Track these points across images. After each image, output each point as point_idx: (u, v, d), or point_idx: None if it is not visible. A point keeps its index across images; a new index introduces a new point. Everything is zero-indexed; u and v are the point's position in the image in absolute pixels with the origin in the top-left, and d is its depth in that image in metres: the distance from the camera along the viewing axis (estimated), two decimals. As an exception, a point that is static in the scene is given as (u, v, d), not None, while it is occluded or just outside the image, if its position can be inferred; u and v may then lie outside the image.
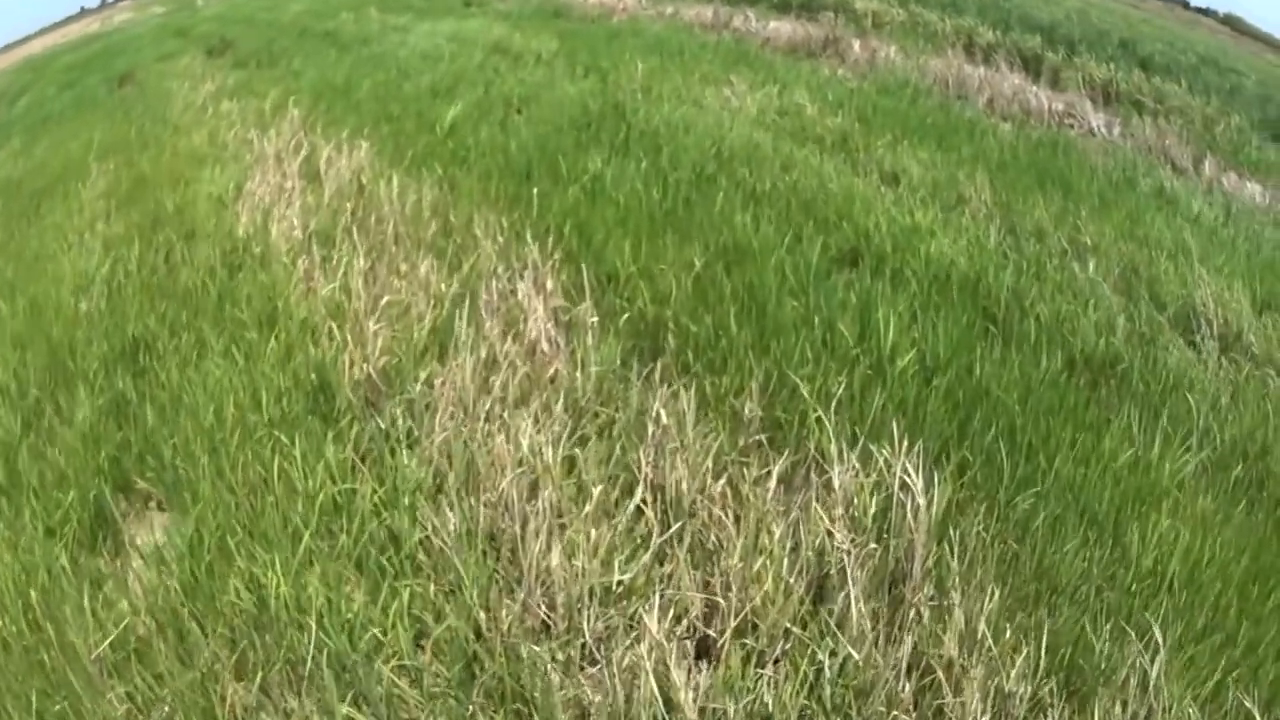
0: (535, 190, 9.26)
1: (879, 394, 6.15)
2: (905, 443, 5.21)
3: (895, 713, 4.16)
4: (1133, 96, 17.76)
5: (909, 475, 5.02)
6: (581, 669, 4.41)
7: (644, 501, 5.19)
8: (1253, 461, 6.55)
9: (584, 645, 4.46)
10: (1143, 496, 5.80)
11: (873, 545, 4.84)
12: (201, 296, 8.06)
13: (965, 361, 6.83)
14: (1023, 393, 6.56)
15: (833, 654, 4.28)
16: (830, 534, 4.86)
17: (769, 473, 5.35)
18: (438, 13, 26.36)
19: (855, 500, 5.07)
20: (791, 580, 4.64)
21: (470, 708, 4.21)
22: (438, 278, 7.78)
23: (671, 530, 4.96)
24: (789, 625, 4.49)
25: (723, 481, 5.29)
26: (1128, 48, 22.02)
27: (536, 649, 4.32)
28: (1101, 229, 10.13)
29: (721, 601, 4.56)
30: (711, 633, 4.51)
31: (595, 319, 7.00)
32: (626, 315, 7.14)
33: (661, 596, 4.57)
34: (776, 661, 4.40)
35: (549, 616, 4.56)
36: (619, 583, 4.65)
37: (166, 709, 4.26)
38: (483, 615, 4.52)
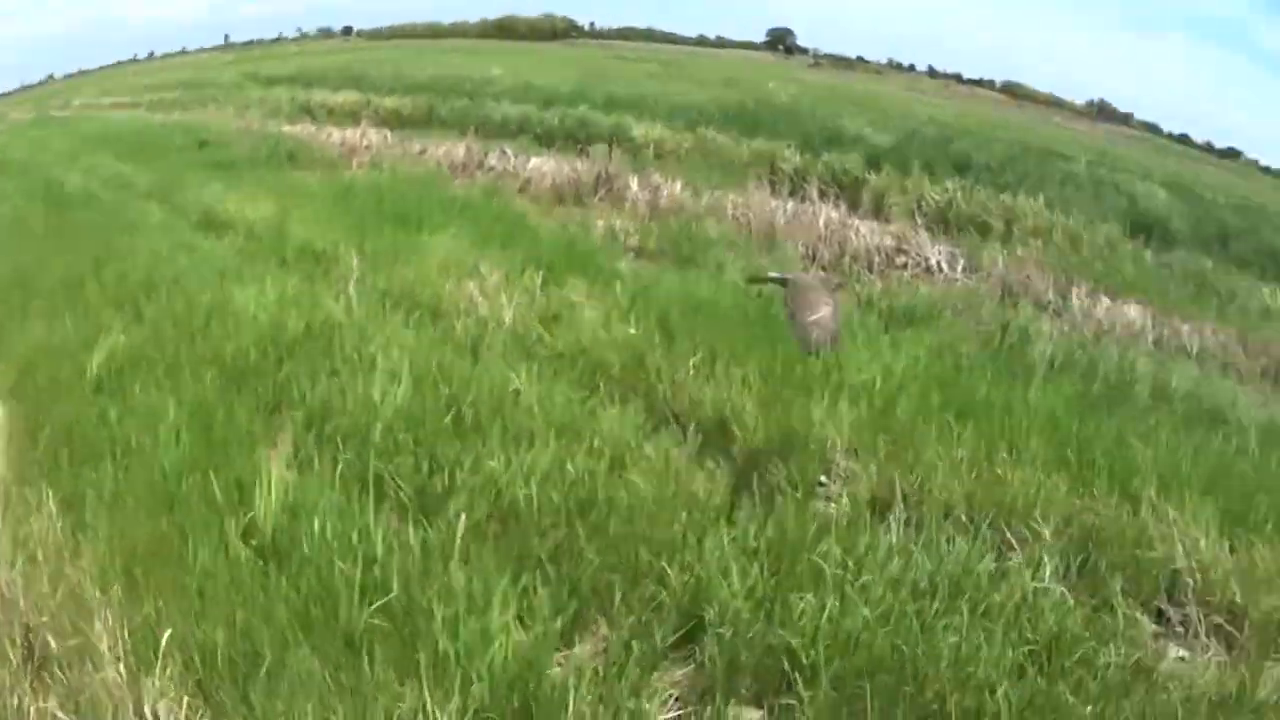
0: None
1: None
2: None
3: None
4: (977, 218, 15.33)
5: None
6: None
7: None
8: None
9: None
10: None
11: None
12: None
13: None
14: None
15: None
16: None
17: None
18: (165, 159, 23.07)
19: None
20: None
21: None
22: None
23: None
24: None
25: None
26: (941, 149, 19.80)
27: None
28: (1030, 476, 7.12)
29: None
30: None
31: None
32: None
33: None
34: None
35: None
36: None
37: None
38: None
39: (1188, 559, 6.79)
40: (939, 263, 13.11)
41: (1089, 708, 5.14)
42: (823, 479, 7.10)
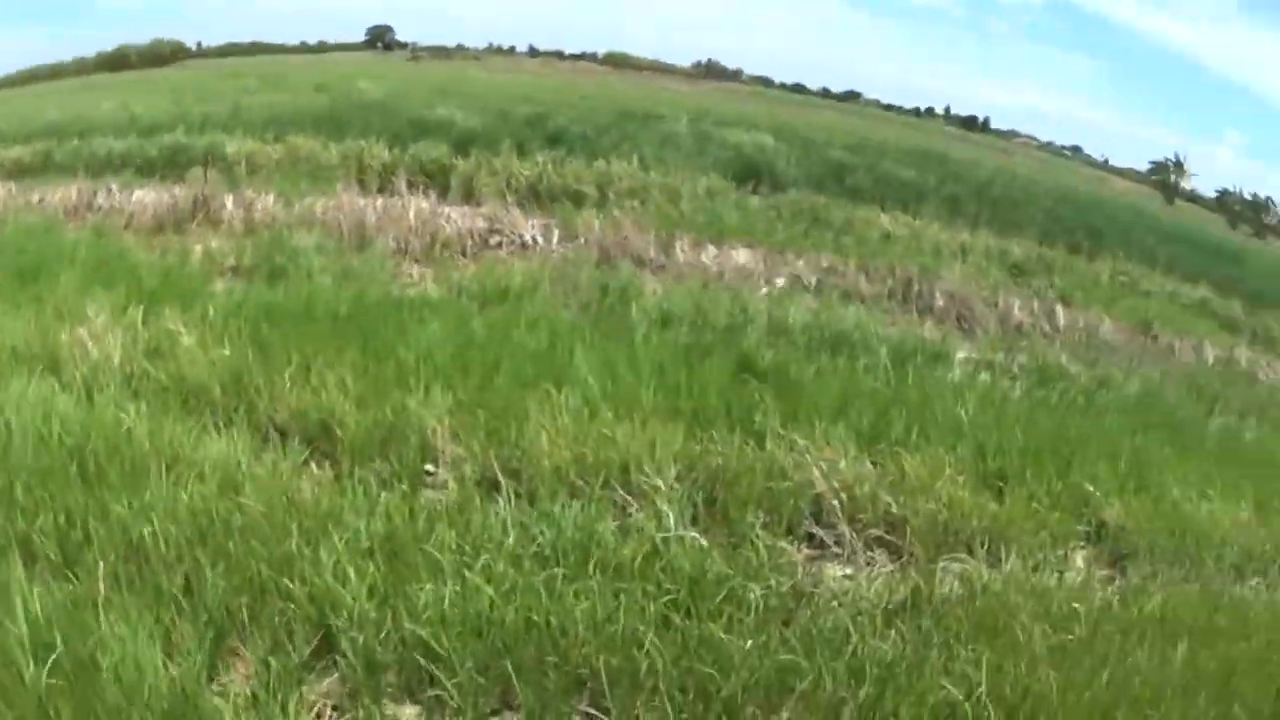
0: None
1: None
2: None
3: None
4: (570, 188, 15.75)
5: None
6: None
7: None
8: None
9: None
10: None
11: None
12: None
13: None
14: None
15: None
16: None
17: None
18: None
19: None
20: None
21: None
22: None
23: None
24: None
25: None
26: (536, 126, 20.24)
27: None
28: (640, 431, 7.43)
29: None
30: None
31: None
32: None
33: None
34: None
35: None
36: None
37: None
38: None
39: (827, 481, 7.23)
40: (534, 237, 13.48)
41: (747, 642, 5.36)
42: (429, 467, 7.23)
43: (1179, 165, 31.59)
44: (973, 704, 5.24)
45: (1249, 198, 31.18)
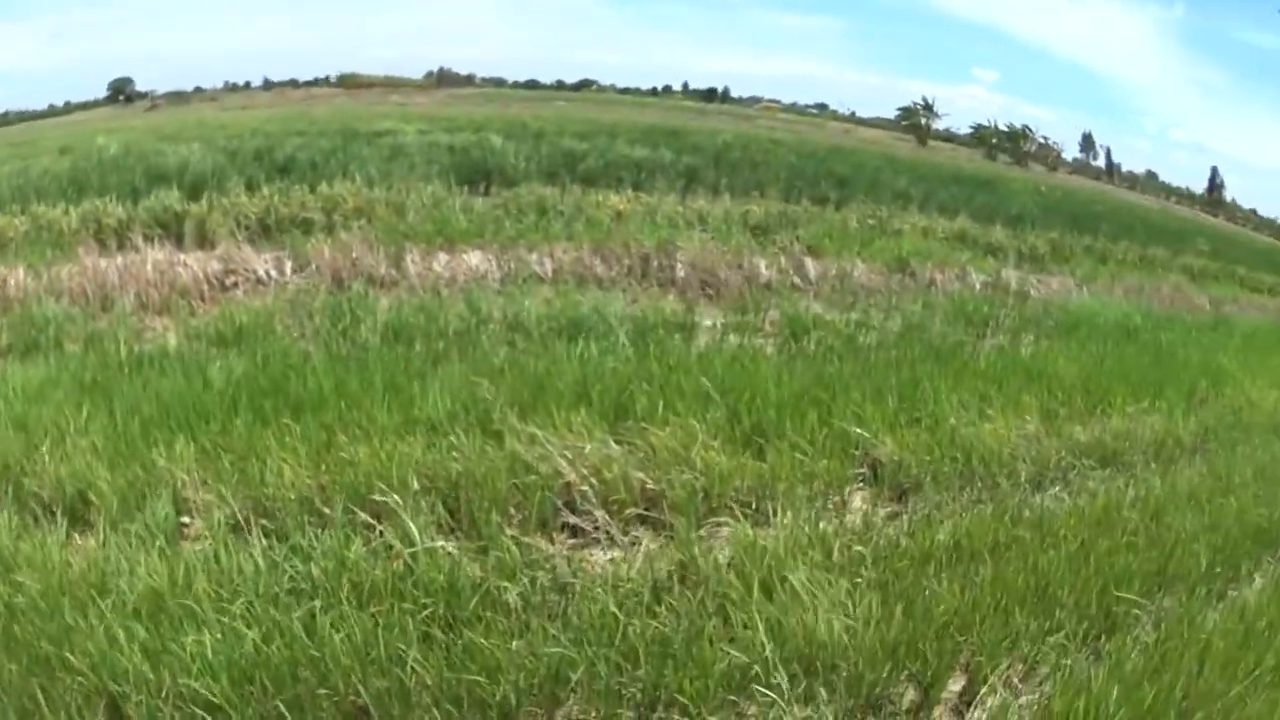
0: None
1: None
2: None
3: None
4: (297, 217, 15.48)
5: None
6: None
7: None
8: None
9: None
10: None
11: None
12: None
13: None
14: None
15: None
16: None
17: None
18: None
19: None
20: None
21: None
22: None
23: None
24: None
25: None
26: (264, 158, 19.82)
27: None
28: (376, 448, 7.41)
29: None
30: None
31: None
32: None
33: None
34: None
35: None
36: None
37: None
38: None
39: (574, 468, 7.26)
40: (267, 272, 13.23)
41: (513, 643, 5.40)
42: (184, 519, 7.02)
43: (928, 107, 32.05)
44: (763, 665, 5.35)
45: (1005, 129, 31.88)
